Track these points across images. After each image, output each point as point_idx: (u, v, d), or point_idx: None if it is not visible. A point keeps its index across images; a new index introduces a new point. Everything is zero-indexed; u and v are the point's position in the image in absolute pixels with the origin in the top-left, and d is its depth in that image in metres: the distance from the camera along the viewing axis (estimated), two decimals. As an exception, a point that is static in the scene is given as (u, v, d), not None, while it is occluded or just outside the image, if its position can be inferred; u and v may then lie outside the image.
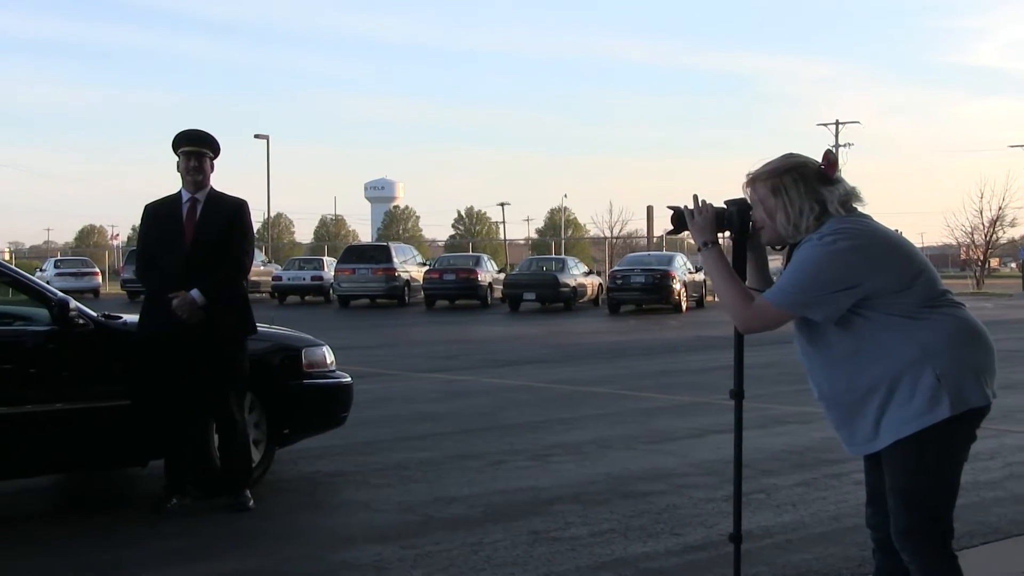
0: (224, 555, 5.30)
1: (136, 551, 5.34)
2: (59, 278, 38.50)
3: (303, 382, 6.92)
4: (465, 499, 6.42)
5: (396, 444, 8.33)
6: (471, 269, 32.34)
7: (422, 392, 11.78)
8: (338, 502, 6.49)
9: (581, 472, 7.23)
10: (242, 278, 6.40)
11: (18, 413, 5.83)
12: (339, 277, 32.65)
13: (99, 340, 6.15)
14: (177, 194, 6.36)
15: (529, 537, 5.55)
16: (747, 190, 3.45)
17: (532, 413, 10.04)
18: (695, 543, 5.45)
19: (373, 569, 5.02)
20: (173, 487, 6.16)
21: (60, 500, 6.92)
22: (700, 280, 31.39)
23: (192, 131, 6.42)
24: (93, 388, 6.10)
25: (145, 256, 6.38)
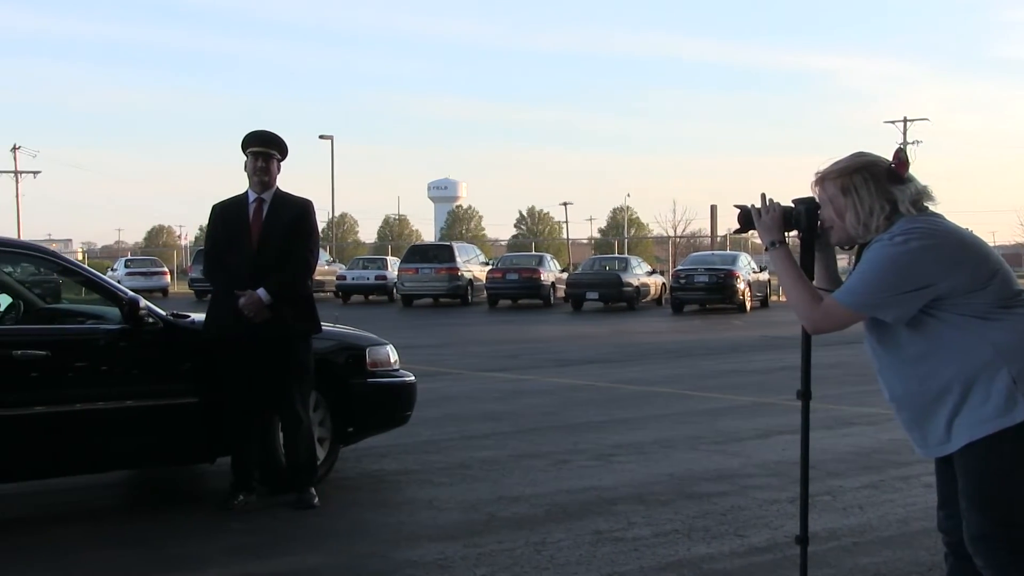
0: (289, 552, 5.35)
1: (204, 546, 5.41)
2: (129, 277, 39.17)
3: (367, 381, 6.96)
4: (528, 498, 6.43)
5: (459, 443, 8.36)
6: (534, 268, 32.34)
7: (485, 391, 11.81)
8: (402, 500, 6.53)
9: (644, 472, 7.19)
10: (307, 277, 6.46)
11: (91, 410, 5.95)
12: (402, 276, 32.81)
13: (168, 339, 6.25)
14: (244, 194, 6.44)
15: (592, 537, 5.53)
16: (816, 189, 3.41)
17: (595, 413, 10.02)
18: (759, 545, 5.40)
19: (437, 567, 5.04)
20: (240, 484, 6.24)
21: (131, 495, 7.04)
22: (765, 280, 31.11)
23: (260, 132, 6.49)
24: (162, 386, 6.20)
25: (212, 255, 6.46)
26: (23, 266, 8.26)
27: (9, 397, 5.68)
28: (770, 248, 3.46)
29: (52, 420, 5.83)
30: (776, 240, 3.44)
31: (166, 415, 6.18)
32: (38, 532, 5.77)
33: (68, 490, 6.68)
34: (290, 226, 6.33)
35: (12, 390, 5.70)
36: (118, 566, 5.09)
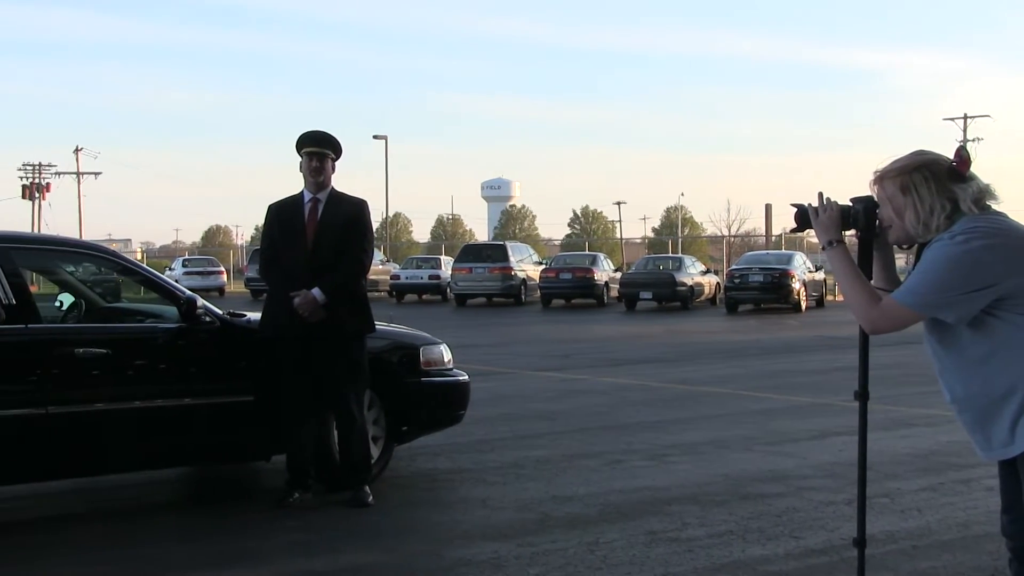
0: (344, 549, 5.38)
1: (259, 543, 5.46)
2: (187, 277, 39.65)
3: (421, 380, 6.99)
4: (582, 498, 6.41)
5: (513, 442, 8.36)
6: (587, 268, 32.27)
7: (538, 391, 11.80)
8: (456, 499, 6.54)
9: (698, 472, 7.15)
10: (362, 277, 6.50)
11: (149, 407, 6.03)
12: (456, 276, 32.89)
13: (224, 337, 6.32)
14: (299, 194, 6.49)
15: (646, 537, 5.51)
16: (874, 188, 3.36)
17: (648, 413, 9.98)
18: (816, 547, 5.34)
19: (490, 566, 5.04)
20: (295, 482, 6.29)
21: (187, 492, 7.13)
22: (820, 279, 30.80)
23: (315, 132, 6.54)
24: (218, 384, 6.27)
25: (268, 255, 6.52)
26: (85, 266, 8.40)
27: (71, 394, 5.78)
28: (827, 247, 3.42)
29: (112, 417, 5.92)
30: (834, 239, 3.40)
31: (222, 413, 6.25)
32: (96, 527, 5.86)
33: (126, 486, 6.78)
34: (345, 226, 6.37)
35: (74, 387, 5.80)
36: (175, 561, 5.15)
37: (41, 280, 8.65)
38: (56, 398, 5.72)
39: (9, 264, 5.78)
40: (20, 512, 6.29)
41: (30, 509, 6.36)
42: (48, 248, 7.00)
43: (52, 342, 5.83)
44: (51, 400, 5.70)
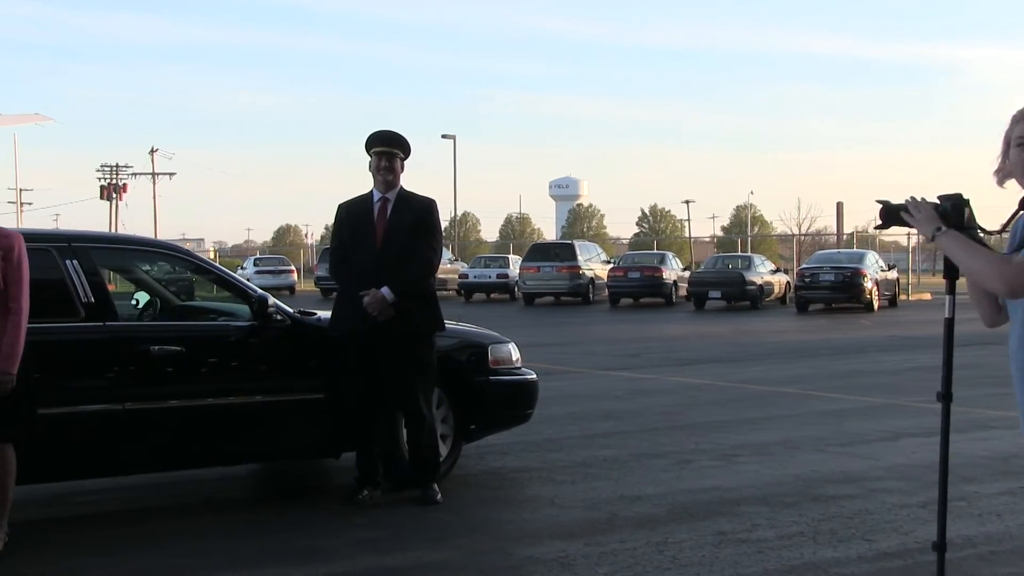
0: (412, 547, 5.42)
1: (329, 540, 5.52)
2: (258, 276, 40.10)
3: (489, 379, 7.00)
4: (650, 498, 6.38)
5: (581, 441, 8.35)
6: (656, 267, 32.10)
7: (607, 390, 11.77)
8: (524, 498, 6.55)
9: (768, 473, 7.08)
10: (431, 276, 6.53)
11: (221, 404, 6.12)
12: (524, 275, 32.90)
13: (295, 336, 6.39)
14: (369, 193, 6.54)
15: (715, 538, 5.47)
16: (1017, 126, 3.22)
17: (717, 412, 9.90)
18: (889, 550, 5.26)
19: (558, 565, 5.04)
20: (364, 479, 6.34)
21: (258, 488, 7.22)
22: (893, 278, 30.30)
23: (384, 132, 6.58)
24: (289, 382, 6.35)
25: (338, 254, 6.58)
26: (160, 265, 8.55)
27: (146, 391, 5.89)
28: (937, 234, 3.31)
29: (185, 414, 6.02)
30: (939, 226, 3.31)
31: (293, 410, 6.32)
32: (171, 521, 5.96)
33: (199, 482, 6.89)
34: (414, 225, 6.40)
35: (149, 384, 5.91)
36: (246, 556, 5.22)
37: (118, 279, 8.81)
38: (132, 394, 5.83)
39: (88, 263, 5.91)
40: (98, 505, 6.43)
41: (108, 503, 6.49)
42: (125, 247, 7.14)
43: (129, 340, 5.94)
44: (128, 396, 5.82)
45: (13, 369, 5.06)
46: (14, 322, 5.09)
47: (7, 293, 5.11)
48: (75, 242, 6.02)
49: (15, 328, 5.09)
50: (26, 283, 5.17)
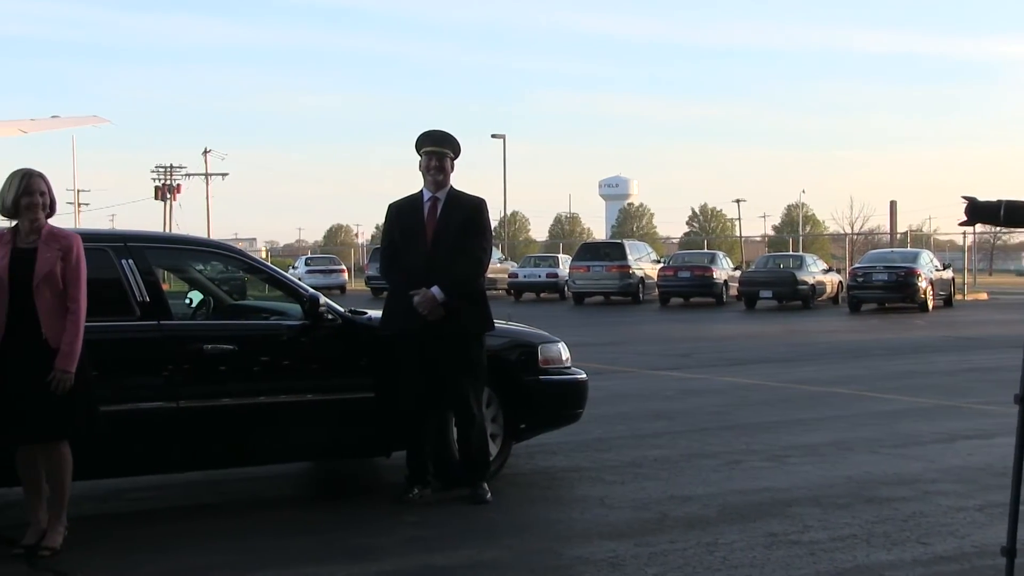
0: (462, 546, 5.43)
1: (380, 538, 5.55)
2: (309, 275, 40.35)
3: (539, 378, 7.00)
4: (700, 498, 6.35)
5: (631, 441, 8.33)
6: (706, 266, 31.93)
7: (656, 390, 11.73)
8: (573, 497, 6.55)
9: (820, 474, 7.01)
10: (481, 275, 6.54)
11: (273, 403, 6.18)
12: (574, 274, 32.86)
13: (346, 335, 6.43)
14: (419, 193, 6.56)
15: (766, 539, 5.43)
16: None
17: (768, 413, 9.83)
18: (945, 554, 5.19)
19: (608, 565, 5.03)
20: (415, 478, 6.37)
21: (310, 486, 7.28)
22: (948, 278, 29.89)
23: (434, 131, 6.60)
24: (340, 380, 6.39)
25: (388, 254, 6.60)
26: (213, 264, 8.63)
27: (200, 389, 5.96)
28: None
29: (237, 412, 6.08)
30: None
31: (344, 409, 6.37)
32: (223, 518, 6.02)
33: (250, 480, 6.96)
34: (464, 224, 6.42)
35: (203, 382, 5.97)
36: (296, 554, 5.26)
37: (172, 278, 8.92)
38: (187, 392, 5.90)
39: (143, 263, 5.99)
40: (152, 502, 6.51)
41: (162, 499, 6.58)
42: (179, 247, 7.23)
43: (183, 338, 6.01)
44: (182, 395, 5.89)
45: (72, 367, 5.14)
46: (73, 321, 5.18)
47: (66, 293, 5.20)
48: (130, 242, 6.11)
49: (74, 327, 5.18)
50: (84, 283, 5.25)
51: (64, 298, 5.19)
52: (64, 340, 5.15)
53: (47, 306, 5.15)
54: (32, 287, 5.14)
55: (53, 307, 5.16)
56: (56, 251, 5.22)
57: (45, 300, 5.15)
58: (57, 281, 5.18)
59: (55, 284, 5.18)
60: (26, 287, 5.14)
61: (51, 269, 5.17)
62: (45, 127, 31.06)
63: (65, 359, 5.13)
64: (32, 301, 5.14)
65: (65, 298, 5.19)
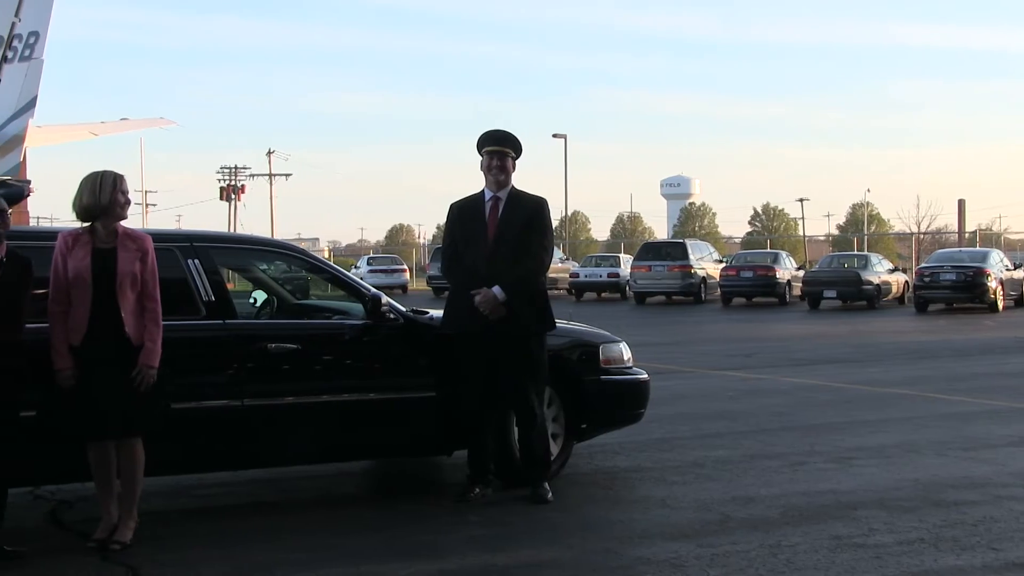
0: (524, 545, 5.43)
1: (442, 536, 5.57)
2: (371, 275, 40.57)
3: (601, 378, 6.98)
4: (763, 499, 6.29)
5: (693, 441, 8.27)
6: (769, 266, 31.63)
7: (719, 390, 11.64)
8: (635, 497, 6.52)
9: (886, 477, 6.91)
10: (542, 275, 6.54)
11: (336, 401, 6.22)
12: (635, 274, 32.73)
13: (408, 334, 6.46)
14: (480, 193, 6.57)
15: (831, 542, 5.36)
16: None
17: (833, 414, 9.70)
18: (1018, 560, 5.08)
19: (670, 566, 5.00)
20: (476, 477, 6.38)
21: (371, 484, 7.32)
22: (1019, 278, 29.29)
23: (496, 131, 6.61)
24: (402, 380, 6.42)
25: (449, 253, 6.62)
26: (276, 264, 8.71)
27: (264, 387, 6.02)
28: None
29: (300, 410, 6.13)
30: None
31: (405, 408, 6.40)
32: (285, 515, 6.08)
33: (313, 477, 7.01)
34: (525, 224, 6.42)
35: (267, 381, 6.03)
36: (359, 552, 5.30)
37: (237, 277, 9.03)
38: (251, 391, 5.97)
39: (209, 263, 6.07)
40: (217, 499, 6.60)
41: (226, 496, 6.66)
42: (243, 247, 7.31)
43: (247, 337, 6.08)
44: (246, 393, 5.95)
45: (155, 363, 5.28)
46: (153, 319, 5.32)
47: (144, 292, 5.31)
48: (196, 242, 6.19)
49: (156, 325, 5.32)
50: (158, 282, 5.37)
51: (143, 298, 5.31)
52: (148, 337, 5.28)
53: (129, 305, 5.27)
54: (115, 287, 5.25)
55: (134, 306, 5.29)
56: (135, 252, 5.33)
57: (127, 299, 5.27)
58: (137, 281, 5.30)
59: (135, 284, 5.29)
60: (108, 287, 5.24)
61: (132, 269, 5.28)
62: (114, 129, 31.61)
63: (150, 355, 5.27)
64: (115, 301, 5.25)
65: (144, 297, 5.31)
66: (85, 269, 5.24)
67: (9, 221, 5.24)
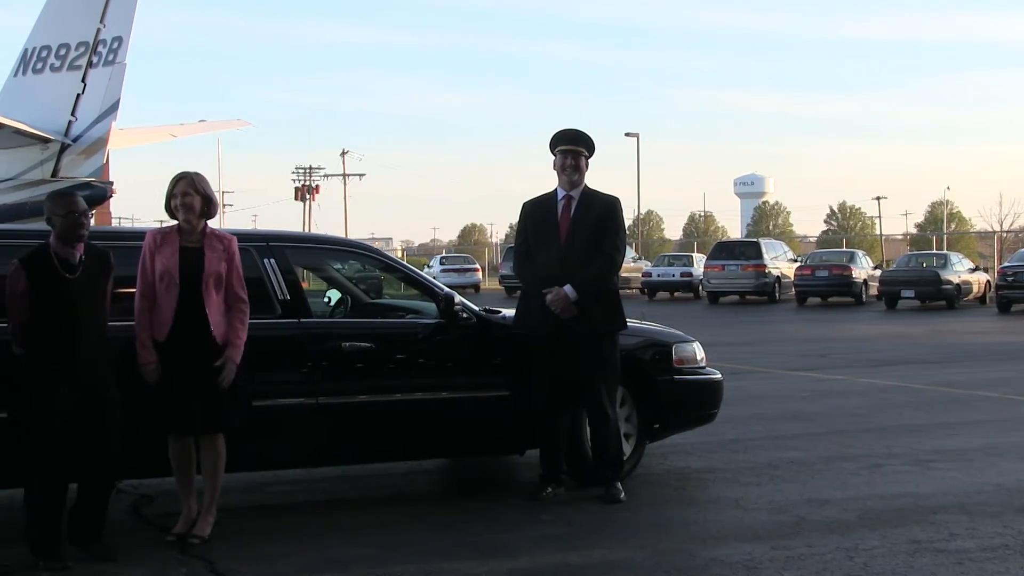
0: (596, 545, 5.42)
1: (514, 534, 5.57)
2: (444, 274, 40.76)
3: (674, 378, 6.94)
4: (839, 502, 6.20)
5: (767, 443, 8.19)
6: (845, 265, 31.21)
7: (793, 390, 11.50)
8: (708, 498, 6.47)
9: (967, 481, 6.77)
10: (614, 274, 6.52)
11: (409, 400, 6.26)
12: (708, 273, 32.51)
13: (480, 333, 6.47)
14: (553, 192, 6.57)
15: (909, 546, 5.27)
16: None
17: (911, 416, 9.53)
18: (1103, 566, 4.95)
19: (744, 568, 4.95)
20: (548, 476, 6.38)
21: (444, 483, 7.36)
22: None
23: (569, 130, 6.60)
24: (474, 379, 6.44)
25: (522, 252, 6.63)
26: (350, 263, 8.79)
27: (338, 386, 6.07)
28: None
29: (374, 408, 6.18)
30: None
31: (478, 407, 6.41)
32: (359, 512, 6.13)
33: (387, 475, 7.07)
34: (597, 223, 6.40)
35: (340, 379, 6.09)
36: (432, 549, 5.32)
37: (311, 277, 9.13)
38: (325, 389, 6.03)
39: (284, 262, 6.15)
40: (292, 495, 6.68)
41: (302, 492, 6.74)
42: (318, 247, 7.39)
43: (322, 336, 6.14)
44: (321, 391, 6.01)
45: (238, 359, 5.39)
46: (240, 318, 5.43)
47: (230, 291, 5.43)
48: (272, 242, 6.27)
49: (241, 324, 5.43)
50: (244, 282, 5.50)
51: (228, 296, 5.42)
52: (233, 334, 5.38)
53: (214, 304, 5.37)
54: (201, 285, 5.34)
55: (219, 305, 5.39)
56: (220, 251, 5.43)
57: (212, 298, 5.36)
58: (221, 280, 5.40)
59: (221, 282, 5.39)
60: (195, 285, 5.34)
61: (217, 269, 5.38)
62: (193, 131, 32.21)
63: (235, 351, 5.37)
64: (200, 299, 5.34)
65: (230, 296, 5.42)
66: (173, 267, 5.34)
67: (90, 221, 5.35)
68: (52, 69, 21.47)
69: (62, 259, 5.06)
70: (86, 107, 21.00)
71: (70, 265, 5.07)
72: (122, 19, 20.98)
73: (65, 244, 5.08)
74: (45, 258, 5.05)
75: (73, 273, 5.06)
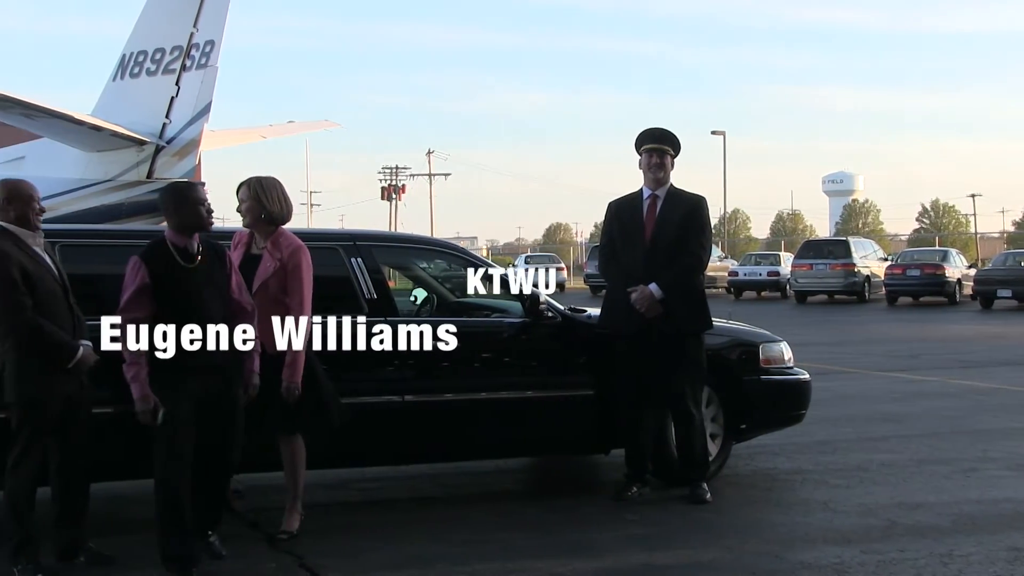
0: (682, 545, 5.38)
1: (599, 534, 5.56)
2: (529, 273, 40.75)
3: (760, 378, 6.86)
4: (932, 506, 6.07)
5: (856, 444, 8.05)
6: (937, 264, 30.53)
7: (884, 391, 11.29)
8: (796, 500, 6.38)
9: (1067, 486, 6.58)
10: (699, 273, 6.47)
11: (494, 399, 6.28)
12: (796, 272, 32.06)
13: (566, 332, 6.47)
14: (639, 191, 6.54)
15: (1008, 553, 5.13)
16: None
17: (1008, 419, 9.29)
18: None
19: (833, 572, 4.88)
20: (634, 476, 6.35)
21: (530, 482, 7.37)
22: None
23: (654, 129, 6.57)
24: (560, 378, 6.44)
25: (607, 251, 6.61)
26: (436, 262, 8.84)
27: (423, 384, 6.12)
28: None
29: (460, 407, 6.21)
30: None
31: (564, 406, 6.41)
32: (445, 510, 6.17)
33: (473, 473, 7.10)
34: (683, 222, 6.36)
35: (426, 378, 6.13)
36: (517, 548, 5.33)
37: (397, 275, 9.21)
38: (411, 387, 6.07)
39: (371, 261, 6.21)
40: (378, 492, 6.75)
41: (387, 490, 6.80)
42: (404, 246, 7.45)
43: (408, 335, 6.16)
44: (407, 389, 6.06)
45: (298, 379, 5.30)
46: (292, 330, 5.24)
47: (282, 301, 5.34)
48: (359, 241, 6.33)
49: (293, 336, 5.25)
50: (305, 291, 5.37)
51: (282, 305, 5.31)
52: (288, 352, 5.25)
53: (259, 312, 5.24)
54: (252, 292, 5.32)
55: (264, 314, 5.24)
56: (276, 259, 5.40)
57: (258, 306, 5.26)
58: (269, 289, 5.35)
59: (267, 291, 5.34)
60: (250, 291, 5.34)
61: (265, 278, 5.37)
62: (282, 132, 32.70)
63: (289, 370, 5.28)
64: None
65: (283, 305, 5.31)
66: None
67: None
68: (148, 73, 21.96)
69: (180, 249, 5.00)
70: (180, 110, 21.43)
71: (188, 255, 5.01)
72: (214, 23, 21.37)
73: (182, 234, 5.02)
74: (163, 251, 5.00)
75: (191, 263, 5.01)
